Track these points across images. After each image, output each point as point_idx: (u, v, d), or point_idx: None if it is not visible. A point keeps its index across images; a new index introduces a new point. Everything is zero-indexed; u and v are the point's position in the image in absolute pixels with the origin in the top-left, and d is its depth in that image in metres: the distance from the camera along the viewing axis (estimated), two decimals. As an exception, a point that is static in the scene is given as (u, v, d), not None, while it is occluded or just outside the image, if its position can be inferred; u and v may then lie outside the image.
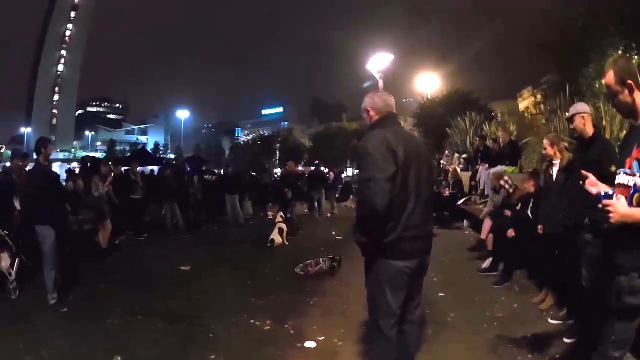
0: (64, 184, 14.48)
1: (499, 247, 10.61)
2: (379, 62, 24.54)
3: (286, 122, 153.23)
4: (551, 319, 7.41)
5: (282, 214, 16.12)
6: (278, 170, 63.15)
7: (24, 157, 14.60)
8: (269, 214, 23.65)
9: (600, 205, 3.53)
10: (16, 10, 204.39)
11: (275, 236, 15.07)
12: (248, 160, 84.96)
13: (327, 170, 34.47)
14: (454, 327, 7.41)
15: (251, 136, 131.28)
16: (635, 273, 3.52)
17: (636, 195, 3.50)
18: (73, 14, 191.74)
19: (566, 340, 6.48)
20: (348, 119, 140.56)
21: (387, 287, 4.49)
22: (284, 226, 15.57)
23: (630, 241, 3.52)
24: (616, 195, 3.54)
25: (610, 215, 3.44)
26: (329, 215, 25.30)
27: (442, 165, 24.43)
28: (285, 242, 15.50)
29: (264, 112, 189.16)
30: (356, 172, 29.91)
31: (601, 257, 4.28)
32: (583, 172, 4.04)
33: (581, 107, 6.81)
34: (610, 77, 3.76)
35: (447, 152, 27.20)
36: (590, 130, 6.56)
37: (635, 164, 3.53)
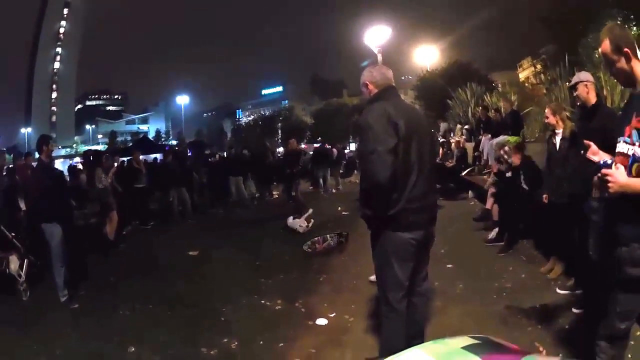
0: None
1: (502, 217, 10.69)
2: (376, 36, 24.48)
3: (287, 101, 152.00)
4: (559, 288, 7.40)
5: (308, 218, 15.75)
6: (281, 149, 62.93)
7: (27, 156, 14.74)
8: (274, 193, 23.71)
9: (599, 175, 3.51)
10: (7, 10, 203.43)
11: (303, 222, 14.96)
12: (252, 140, 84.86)
13: (329, 147, 34.41)
14: (463, 299, 7.43)
15: (252, 117, 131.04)
16: (636, 243, 3.50)
17: (635, 165, 3.46)
18: (66, 11, 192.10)
19: (574, 311, 6.47)
20: (349, 94, 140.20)
21: (394, 259, 4.52)
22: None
23: (630, 211, 3.50)
24: (615, 164, 3.51)
25: (609, 185, 3.41)
26: (334, 191, 25.38)
27: (443, 137, 24.42)
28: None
29: (264, 92, 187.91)
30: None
31: (603, 227, 4.27)
32: (585, 141, 4.03)
33: (584, 75, 6.78)
34: (606, 45, 3.71)
35: (439, 122, 27.26)
36: (593, 99, 6.53)
37: (634, 132, 3.49)
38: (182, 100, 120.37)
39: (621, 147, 3.59)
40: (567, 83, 14.42)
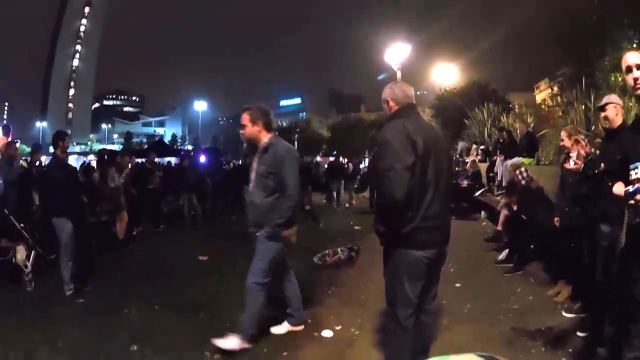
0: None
1: (512, 238, 10.76)
2: (396, 53, 24.59)
3: (304, 113, 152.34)
4: (565, 312, 7.41)
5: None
6: None
7: (34, 153, 14.94)
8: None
9: (632, 202, 3.50)
10: (29, 6, 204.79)
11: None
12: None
13: (345, 161, 34.45)
14: (470, 318, 7.43)
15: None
16: None
17: None
18: (87, 10, 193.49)
19: (579, 334, 6.47)
20: (366, 109, 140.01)
21: (405, 277, 4.53)
22: None
23: None
24: None
25: None
26: (347, 205, 25.56)
27: (459, 157, 24.50)
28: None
29: (282, 102, 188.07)
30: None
31: (630, 250, 4.25)
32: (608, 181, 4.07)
33: (615, 98, 6.82)
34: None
35: (458, 141, 27.44)
36: (619, 121, 6.56)
37: None
38: (200, 106, 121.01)
39: None
40: (583, 106, 14.42)
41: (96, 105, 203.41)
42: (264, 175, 6.44)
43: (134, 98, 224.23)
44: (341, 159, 34.77)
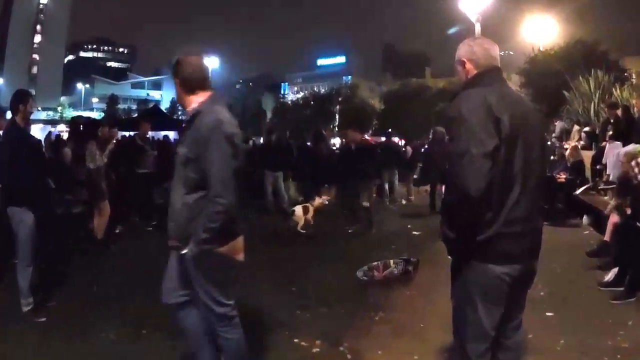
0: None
1: (623, 253, 10.53)
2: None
3: (349, 77, 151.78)
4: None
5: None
6: (337, 141, 61.78)
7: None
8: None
9: None
10: None
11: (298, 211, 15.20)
12: (301, 125, 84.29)
13: (402, 142, 34.26)
14: (565, 358, 7.35)
15: (302, 94, 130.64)
16: None
17: None
18: None
19: None
20: (432, 74, 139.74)
21: (479, 300, 4.44)
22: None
23: None
24: None
25: None
26: (403, 202, 25.47)
27: (556, 142, 24.26)
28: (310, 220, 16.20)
29: (320, 62, 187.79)
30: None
31: None
32: None
33: None
34: None
35: (554, 120, 27.26)
36: None
37: None
38: (210, 63, 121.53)
39: None
40: None
41: (70, 57, 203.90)
42: (182, 162, 5.56)
43: (121, 50, 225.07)
44: (397, 139, 34.53)
